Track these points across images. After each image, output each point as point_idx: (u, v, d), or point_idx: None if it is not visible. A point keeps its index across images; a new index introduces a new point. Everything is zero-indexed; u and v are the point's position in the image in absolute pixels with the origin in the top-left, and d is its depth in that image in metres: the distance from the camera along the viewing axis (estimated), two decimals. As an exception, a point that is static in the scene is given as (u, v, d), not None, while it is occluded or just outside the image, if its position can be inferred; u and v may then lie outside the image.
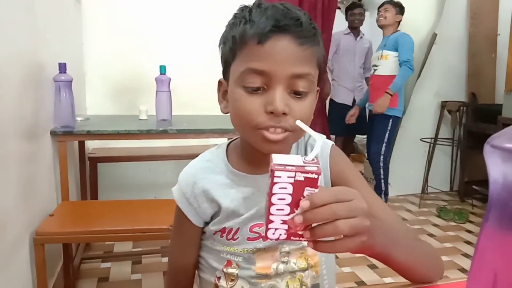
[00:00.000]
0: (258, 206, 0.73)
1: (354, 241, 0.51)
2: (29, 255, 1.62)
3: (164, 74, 2.32)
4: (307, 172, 0.48)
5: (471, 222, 3.27)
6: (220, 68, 0.73)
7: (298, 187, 0.48)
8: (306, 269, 0.75)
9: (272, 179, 0.48)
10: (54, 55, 2.03)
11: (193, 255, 0.80)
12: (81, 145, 2.55)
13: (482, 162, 0.47)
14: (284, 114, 0.62)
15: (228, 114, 0.71)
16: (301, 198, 0.49)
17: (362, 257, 2.48)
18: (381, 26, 3.25)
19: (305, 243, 0.73)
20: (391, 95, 3.07)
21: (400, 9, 3.21)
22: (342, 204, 0.49)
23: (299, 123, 0.58)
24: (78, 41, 2.81)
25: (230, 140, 0.81)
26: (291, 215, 0.49)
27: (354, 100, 3.96)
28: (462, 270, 2.45)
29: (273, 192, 0.49)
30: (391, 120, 3.20)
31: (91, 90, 2.92)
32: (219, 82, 0.74)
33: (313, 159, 0.50)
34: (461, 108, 3.79)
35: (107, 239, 1.70)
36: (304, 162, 0.49)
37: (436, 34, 3.67)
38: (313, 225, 0.50)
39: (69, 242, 1.96)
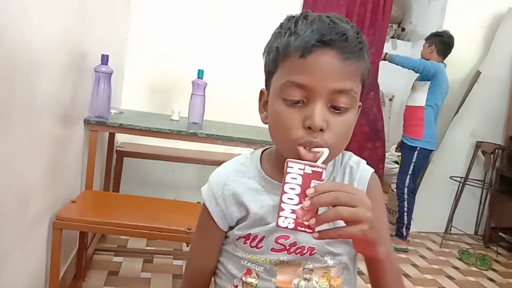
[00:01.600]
0: None
1: (355, 228, 0.56)
2: (46, 237, 1.63)
3: (201, 78, 2.34)
4: (314, 166, 0.58)
5: (494, 270, 3.12)
6: (254, 80, 0.72)
7: (306, 179, 0.57)
8: (328, 290, 0.72)
9: (286, 169, 0.58)
10: (98, 46, 2.08)
11: (213, 260, 0.78)
12: (111, 137, 2.59)
13: (512, 209, 0.44)
14: (321, 130, 0.61)
15: (267, 125, 0.71)
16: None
17: None
18: None
19: (330, 262, 0.71)
20: (384, 59, 3.21)
21: (430, 40, 3.16)
22: (345, 193, 0.56)
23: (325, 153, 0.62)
24: (123, 36, 2.88)
25: (265, 148, 0.80)
26: (300, 205, 0.57)
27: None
28: (480, 319, 2.34)
29: (286, 181, 0.58)
30: (416, 151, 3.15)
31: (128, 85, 2.97)
32: (261, 92, 0.74)
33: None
34: (497, 151, 3.66)
35: (124, 233, 1.71)
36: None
37: (480, 73, 3.58)
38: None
39: (87, 231, 1.97)
